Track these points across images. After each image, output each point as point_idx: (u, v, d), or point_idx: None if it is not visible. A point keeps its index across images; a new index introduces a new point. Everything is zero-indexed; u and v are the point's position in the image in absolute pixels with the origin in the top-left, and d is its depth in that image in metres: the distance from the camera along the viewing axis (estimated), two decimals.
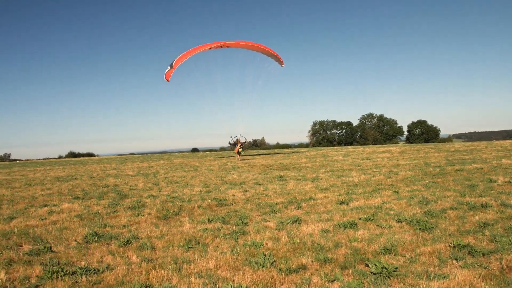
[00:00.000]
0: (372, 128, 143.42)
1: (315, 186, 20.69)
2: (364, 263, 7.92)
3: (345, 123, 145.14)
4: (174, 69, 18.80)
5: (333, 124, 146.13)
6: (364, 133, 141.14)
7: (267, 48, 22.66)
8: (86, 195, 21.10)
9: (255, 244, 9.56)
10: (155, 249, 9.74)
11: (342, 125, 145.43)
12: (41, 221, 13.75)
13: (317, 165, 36.33)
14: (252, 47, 21.36)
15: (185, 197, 18.58)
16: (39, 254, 9.48)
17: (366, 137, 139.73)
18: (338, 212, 13.25)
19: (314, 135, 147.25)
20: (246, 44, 21.15)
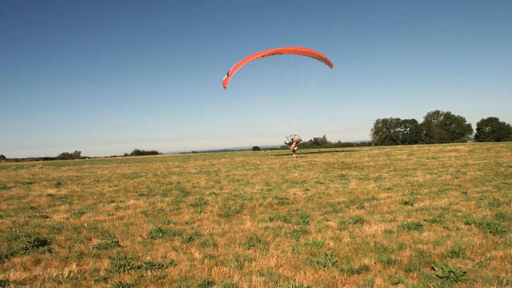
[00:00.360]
0: (438, 126, 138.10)
1: (378, 185, 20.24)
2: (430, 266, 7.64)
3: (409, 121, 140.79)
4: (230, 77, 19.45)
5: (397, 122, 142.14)
6: (430, 131, 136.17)
7: (316, 52, 22.52)
8: (150, 192, 21.81)
9: (316, 244, 9.48)
10: (217, 246, 9.90)
11: (406, 123, 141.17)
12: (108, 217, 14.37)
13: (380, 164, 35.52)
14: (302, 52, 21.44)
15: (246, 195, 18.75)
16: (107, 248, 9.90)
17: (432, 135, 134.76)
18: (402, 212, 12.88)
19: (377, 134, 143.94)
20: (296, 49, 21.30)
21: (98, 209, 16.27)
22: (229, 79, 19.29)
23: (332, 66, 23.95)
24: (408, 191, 17.64)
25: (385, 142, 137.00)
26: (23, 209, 16.72)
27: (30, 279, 7.75)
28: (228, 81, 19.38)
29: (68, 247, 9.99)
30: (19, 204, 18.52)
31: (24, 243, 9.92)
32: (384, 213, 13.12)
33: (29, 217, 14.71)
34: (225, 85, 19.57)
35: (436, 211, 12.85)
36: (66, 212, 15.59)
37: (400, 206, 14.17)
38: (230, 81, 21.00)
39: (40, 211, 16.07)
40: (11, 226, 12.90)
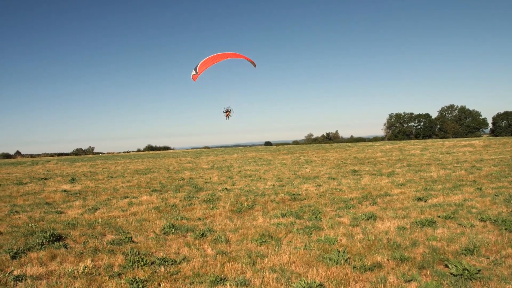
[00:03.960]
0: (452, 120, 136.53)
1: (391, 181, 20.13)
2: (444, 264, 7.59)
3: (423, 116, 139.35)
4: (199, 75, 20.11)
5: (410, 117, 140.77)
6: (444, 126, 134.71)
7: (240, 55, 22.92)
8: (163, 187, 21.95)
9: (328, 240, 9.47)
10: (229, 242, 9.94)
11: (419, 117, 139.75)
12: (122, 212, 14.51)
13: (393, 160, 35.31)
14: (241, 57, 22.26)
15: (259, 191, 18.79)
16: (121, 244, 10.00)
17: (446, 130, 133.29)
18: (416, 209, 12.80)
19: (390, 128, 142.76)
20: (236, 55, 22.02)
21: (112, 205, 16.42)
22: (198, 76, 19.99)
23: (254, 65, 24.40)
24: (421, 187, 17.53)
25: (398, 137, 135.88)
26: (39, 205, 16.94)
27: (46, 274, 7.86)
28: (197, 77, 20.06)
29: (83, 243, 10.11)
30: (34, 199, 18.78)
31: (40, 239, 10.07)
32: (397, 209, 13.05)
33: (45, 212, 14.91)
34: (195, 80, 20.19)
35: (450, 207, 12.74)
36: (81, 208, 15.77)
37: (414, 202, 14.09)
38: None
39: (55, 207, 16.27)
40: (28, 221, 13.09)
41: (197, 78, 20.62)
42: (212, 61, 20.41)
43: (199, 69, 20.47)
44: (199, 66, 20.47)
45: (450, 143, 59.02)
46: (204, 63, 20.45)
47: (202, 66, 20.47)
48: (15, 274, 7.74)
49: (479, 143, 54.13)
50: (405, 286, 6.79)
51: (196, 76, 20.65)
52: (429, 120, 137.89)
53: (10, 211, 15.39)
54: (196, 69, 20.56)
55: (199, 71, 20.50)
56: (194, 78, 20.75)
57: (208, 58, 20.55)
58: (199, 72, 20.51)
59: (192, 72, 20.78)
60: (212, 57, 20.56)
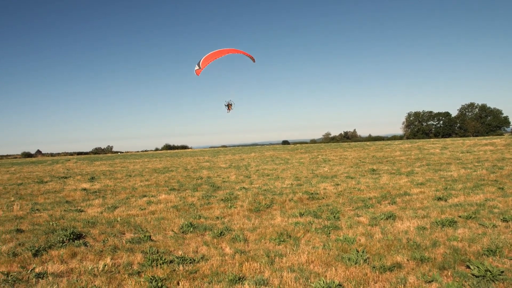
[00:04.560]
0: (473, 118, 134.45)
1: (410, 180, 19.91)
2: (465, 265, 7.47)
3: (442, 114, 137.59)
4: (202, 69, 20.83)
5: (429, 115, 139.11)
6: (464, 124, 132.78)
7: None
8: (181, 186, 22.06)
9: (347, 240, 9.40)
10: (247, 241, 9.94)
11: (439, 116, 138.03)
12: (140, 211, 14.62)
13: (412, 159, 34.94)
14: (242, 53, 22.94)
15: (276, 190, 18.75)
16: (140, 242, 10.07)
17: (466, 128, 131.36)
18: (436, 208, 12.63)
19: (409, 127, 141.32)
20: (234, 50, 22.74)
21: (131, 203, 16.56)
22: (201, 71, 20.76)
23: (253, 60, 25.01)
24: (441, 186, 17.30)
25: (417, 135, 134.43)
26: (59, 203, 17.18)
27: (67, 271, 7.97)
28: (200, 72, 20.81)
29: (103, 241, 10.21)
30: (55, 198, 19.05)
31: (60, 237, 10.20)
32: (417, 209, 12.90)
33: (65, 211, 15.11)
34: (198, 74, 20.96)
35: (471, 207, 12.55)
36: (100, 206, 15.94)
37: (434, 202, 13.91)
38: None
39: (75, 205, 16.49)
40: (48, 219, 13.29)
41: (200, 73, 21.30)
42: (214, 57, 21.38)
43: (202, 64, 21.40)
44: (202, 61, 21.39)
45: (470, 142, 58.14)
46: (206, 59, 21.40)
47: (205, 61, 21.39)
48: (37, 272, 7.86)
49: (501, 141, 53.19)
50: (426, 287, 6.70)
51: (199, 70, 21.54)
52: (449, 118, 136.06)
53: (32, 209, 15.65)
54: (199, 64, 21.39)
55: (202, 66, 21.23)
56: (197, 72, 21.63)
57: (210, 54, 21.38)
58: (202, 67, 21.21)
59: (195, 67, 21.58)
60: (214, 53, 21.49)
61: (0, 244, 10.08)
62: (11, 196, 20.22)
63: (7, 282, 7.39)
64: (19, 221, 13.17)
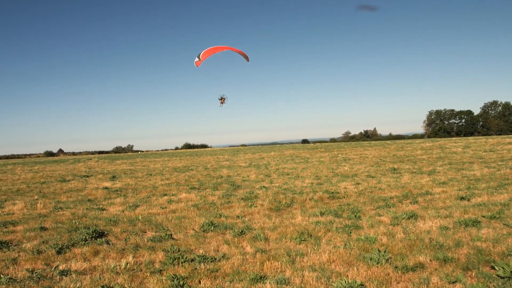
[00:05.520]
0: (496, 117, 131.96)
1: (432, 179, 19.66)
2: (490, 265, 7.33)
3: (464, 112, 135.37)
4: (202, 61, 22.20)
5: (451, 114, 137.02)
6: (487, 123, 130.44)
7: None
8: (201, 185, 22.18)
9: (369, 239, 9.32)
10: (268, 240, 9.93)
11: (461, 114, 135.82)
12: (161, 210, 14.74)
13: (434, 157, 34.51)
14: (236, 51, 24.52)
15: (297, 189, 18.72)
16: (161, 240, 10.15)
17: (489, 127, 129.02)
18: (458, 208, 12.44)
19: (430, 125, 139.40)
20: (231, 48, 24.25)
21: (152, 202, 16.71)
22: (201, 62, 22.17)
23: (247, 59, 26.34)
24: (464, 186, 17.04)
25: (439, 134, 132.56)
26: (81, 202, 17.44)
27: (90, 269, 8.08)
28: (200, 63, 22.21)
29: (124, 239, 10.32)
30: (77, 196, 19.34)
31: (83, 235, 10.35)
32: (439, 208, 12.73)
33: (87, 209, 15.33)
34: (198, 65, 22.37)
35: (495, 207, 12.32)
36: (121, 205, 16.12)
37: (456, 202, 13.71)
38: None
39: (97, 204, 16.71)
40: (71, 217, 13.50)
41: (200, 64, 22.84)
42: (213, 51, 22.86)
43: (202, 57, 22.78)
44: (202, 54, 22.70)
45: (493, 141, 57.13)
46: (206, 52, 22.73)
47: (205, 54, 22.75)
48: (60, 269, 7.98)
49: None
50: (449, 287, 6.61)
51: (199, 62, 22.88)
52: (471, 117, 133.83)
53: (55, 207, 15.92)
54: (199, 56, 22.78)
55: (202, 58, 22.80)
56: (197, 64, 23.06)
57: (209, 48, 22.84)
58: (202, 59, 22.83)
59: (195, 59, 23.04)
60: (213, 48, 22.96)
61: (25, 242, 10.28)
62: (34, 195, 20.60)
63: (32, 279, 7.52)
64: (42, 219, 13.40)
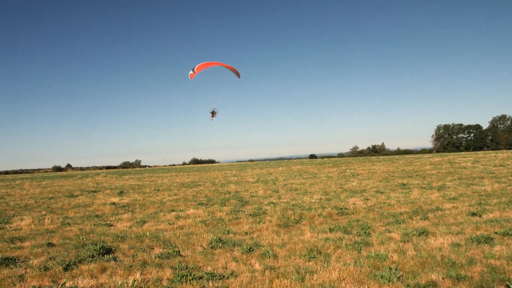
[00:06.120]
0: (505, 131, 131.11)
1: (442, 195, 19.45)
2: (504, 284, 7.17)
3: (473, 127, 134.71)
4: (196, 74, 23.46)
5: (460, 128, 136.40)
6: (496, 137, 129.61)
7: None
8: (209, 201, 22.08)
9: (379, 257, 9.17)
10: (277, 257, 9.80)
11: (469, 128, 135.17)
12: (169, 226, 14.65)
13: (443, 172, 34.21)
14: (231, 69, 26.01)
15: (305, 205, 18.57)
16: (169, 257, 10.05)
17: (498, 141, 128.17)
18: (470, 224, 12.25)
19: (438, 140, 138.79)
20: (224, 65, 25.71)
21: (159, 218, 16.63)
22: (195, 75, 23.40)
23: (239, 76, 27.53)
24: (475, 201, 16.82)
25: (447, 148, 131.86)
26: (89, 217, 17.39)
27: (97, 286, 7.98)
28: (194, 76, 23.44)
29: (132, 256, 10.23)
30: (85, 212, 19.32)
31: (90, 251, 10.27)
32: (450, 224, 12.54)
33: (95, 225, 15.27)
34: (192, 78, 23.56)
35: (507, 223, 12.11)
36: (129, 221, 16.05)
37: (467, 218, 13.51)
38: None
39: (105, 219, 16.65)
40: (79, 233, 13.44)
41: (194, 77, 24.22)
42: (206, 66, 24.46)
43: (196, 70, 24.18)
44: (196, 68, 24.13)
45: (503, 155, 56.65)
46: (200, 66, 24.23)
47: (199, 68, 24.21)
48: (67, 286, 7.90)
49: None
50: None
51: (193, 75, 24.25)
52: (480, 131, 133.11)
53: (62, 223, 15.87)
54: (194, 69, 24.13)
55: (196, 71, 24.19)
56: (191, 76, 24.39)
57: (203, 63, 24.39)
58: (196, 72, 24.22)
59: (190, 72, 24.38)
60: (207, 63, 24.60)
61: (32, 258, 10.21)
62: (42, 210, 20.60)
63: None
64: (50, 235, 13.36)
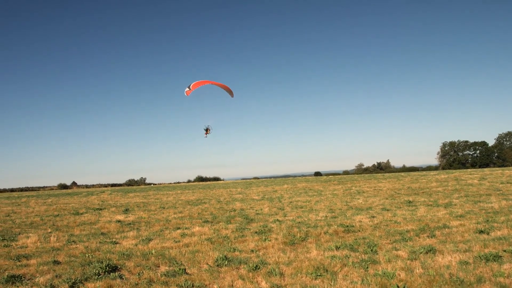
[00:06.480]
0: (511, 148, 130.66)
1: (449, 212, 19.32)
2: None
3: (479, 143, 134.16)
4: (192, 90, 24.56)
5: (465, 145, 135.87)
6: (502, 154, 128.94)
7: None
8: (214, 219, 22.02)
9: (386, 275, 9.09)
10: (283, 275, 9.73)
11: (475, 145, 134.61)
12: (175, 243, 14.60)
13: (449, 190, 34.02)
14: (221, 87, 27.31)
15: (311, 222, 18.49)
16: (175, 275, 10.00)
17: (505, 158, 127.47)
18: (478, 242, 12.15)
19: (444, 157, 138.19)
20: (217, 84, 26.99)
21: (165, 235, 16.59)
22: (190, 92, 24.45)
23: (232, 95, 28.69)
24: (482, 219, 16.69)
25: (453, 165, 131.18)
26: (95, 235, 17.37)
27: None
28: (190, 93, 24.54)
29: (138, 274, 10.19)
30: (90, 229, 19.29)
31: (96, 269, 10.25)
32: (458, 242, 12.44)
33: (100, 242, 15.25)
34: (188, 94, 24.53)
35: None
36: (135, 239, 16.02)
37: (475, 235, 13.40)
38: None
39: (110, 237, 16.63)
40: (84, 251, 13.42)
41: (189, 93, 25.30)
42: (202, 83, 25.59)
43: (192, 87, 25.22)
44: (192, 85, 25.23)
45: (510, 172, 56.30)
46: (196, 84, 25.33)
47: (195, 85, 25.30)
48: None
49: None
50: None
51: (189, 91, 25.30)
52: (486, 148, 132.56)
53: (68, 240, 15.86)
54: (190, 87, 25.18)
55: (192, 88, 25.23)
56: (187, 93, 25.45)
57: (199, 81, 25.56)
58: (192, 89, 25.27)
59: (186, 89, 25.45)
60: (203, 81, 25.73)
61: (38, 276, 10.19)
62: (48, 228, 20.60)
63: None
64: (56, 253, 13.34)
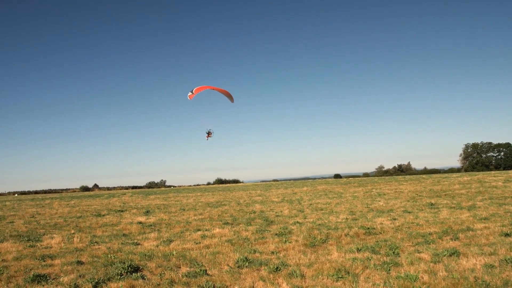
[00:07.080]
0: None
1: (473, 215, 18.99)
2: None
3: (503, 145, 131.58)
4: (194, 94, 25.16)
5: (489, 146, 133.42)
6: None
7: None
8: (234, 220, 22.05)
9: (409, 277, 8.98)
10: (304, 277, 9.69)
11: (499, 147, 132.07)
12: (195, 245, 14.66)
13: (473, 192, 33.45)
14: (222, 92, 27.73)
15: (331, 224, 18.37)
16: (196, 276, 10.04)
17: None
18: (504, 245, 11.91)
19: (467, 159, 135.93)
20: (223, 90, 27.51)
21: (185, 237, 16.67)
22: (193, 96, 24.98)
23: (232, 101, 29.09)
24: (508, 222, 16.37)
25: (476, 168, 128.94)
26: (116, 236, 17.56)
27: None
28: (192, 97, 26.02)
29: (159, 274, 10.26)
30: (112, 231, 19.51)
31: (119, 269, 10.37)
32: (482, 245, 12.22)
33: (122, 244, 15.40)
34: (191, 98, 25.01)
35: None
36: (156, 240, 16.14)
37: (500, 238, 13.14)
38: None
39: (132, 238, 16.79)
40: (107, 252, 13.57)
41: (192, 97, 26.07)
42: (204, 88, 26.28)
43: (195, 91, 25.90)
44: (195, 90, 25.95)
45: None
46: (198, 88, 26.03)
47: (198, 90, 26.00)
48: None
49: None
50: None
51: (191, 96, 26.02)
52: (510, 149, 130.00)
53: (91, 241, 16.07)
54: (193, 91, 25.87)
55: (194, 92, 25.93)
56: (190, 97, 26.22)
57: (202, 86, 26.30)
58: (194, 93, 25.96)
59: (189, 93, 26.16)
60: (205, 86, 26.42)
61: (62, 276, 10.35)
62: (71, 229, 20.90)
63: None
64: (79, 253, 13.53)
